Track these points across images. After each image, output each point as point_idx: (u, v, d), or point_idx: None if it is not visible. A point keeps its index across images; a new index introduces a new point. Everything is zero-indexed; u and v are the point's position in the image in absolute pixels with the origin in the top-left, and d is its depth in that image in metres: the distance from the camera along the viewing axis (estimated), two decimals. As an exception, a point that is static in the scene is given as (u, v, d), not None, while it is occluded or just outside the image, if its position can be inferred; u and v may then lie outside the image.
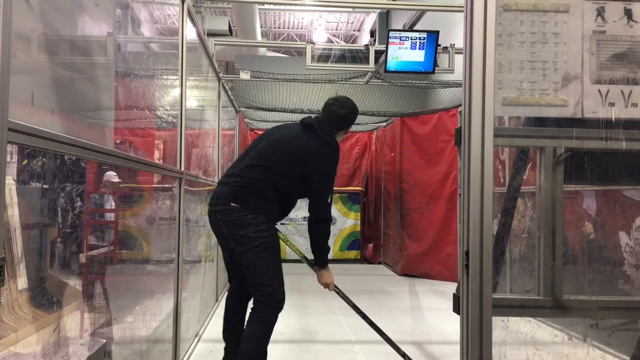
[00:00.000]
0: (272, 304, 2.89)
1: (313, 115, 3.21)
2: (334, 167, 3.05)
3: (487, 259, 1.44)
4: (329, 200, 3.02)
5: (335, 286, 3.21)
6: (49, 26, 2.01)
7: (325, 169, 2.99)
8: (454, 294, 1.57)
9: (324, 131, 3.02)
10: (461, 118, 1.50)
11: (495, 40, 1.47)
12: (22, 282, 3.99)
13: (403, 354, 3.21)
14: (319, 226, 3.01)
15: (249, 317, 2.94)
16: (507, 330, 1.74)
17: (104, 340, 2.21)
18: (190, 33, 3.73)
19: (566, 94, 1.55)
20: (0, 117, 1.24)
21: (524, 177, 1.86)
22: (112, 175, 3.76)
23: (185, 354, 3.70)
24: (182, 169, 3.39)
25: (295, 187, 2.98)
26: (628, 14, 1.56)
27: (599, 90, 1.55)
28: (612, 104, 1.56)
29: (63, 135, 1.54)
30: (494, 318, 1.44)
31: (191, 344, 3.97)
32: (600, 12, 1.56)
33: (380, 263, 9.20)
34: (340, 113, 3.13)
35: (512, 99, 1.52)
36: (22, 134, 1.35)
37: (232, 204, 2.86)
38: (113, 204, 4.06)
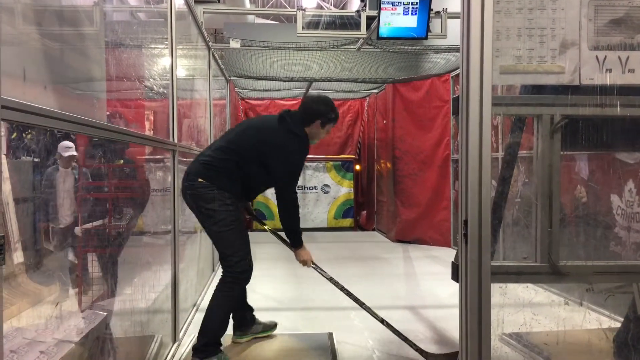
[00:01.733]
0: (238, 274, 3.04)
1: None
2: (297, 158, 3.13)
3: (486, 228, 1.45)
4: (292, 188, 3.12)
5: (313, 262, 3.35)
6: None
7: (287, 159, 3.06)
8: (452, 262, 1.59)
9: (294, 122, 3.12)
10: (459, 86, 1.49)
11: (493, 7, 1.45)
12: (19, 256, 3.99)
13: (382, 320, 3.28)
14: (285, 213, 3.13)
15: (216, 286, 3.08)
16: (505, 297, 1.78)
17: (105, 313, 2.24)
18: (178, 1, 3.66)
19: (564, 61, 1.54)
20: (-8, 95, 1.22)
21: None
22: (63, 147, 3.24)
23: (184, 323, 3.75)
24: (175, 140, 3.37)
25: (256, 171, 3.08)
26: (626, -22, 1.54)
27: (597, 57, 1.55)
28: (609, 70, 1.55)
29: (57, 112, 1.52)
30: (492, 285, 1.47)
31: (189, 314, 4.02)
32: (598, -23, 1.54)
33: (374, 230, 9.28)
34: (314, 108, 3.20)
35: (510, 67, 1.52)
36: (16, 111, 1.33)
37: (199, 180, 3.00)
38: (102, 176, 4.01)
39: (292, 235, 3.24)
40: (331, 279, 3.40)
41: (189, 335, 3.60)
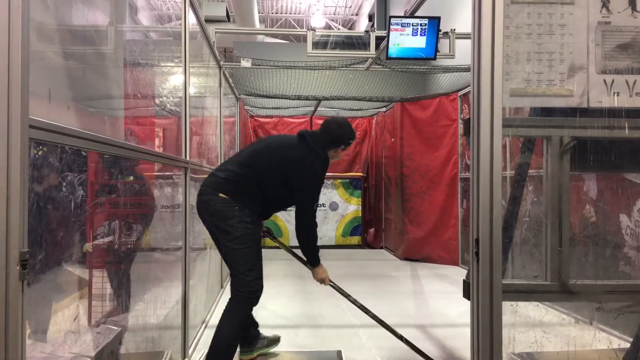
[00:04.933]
0: (249, 294, 2.97)
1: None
2: (319, 177, 3.14)
3: (497, 246, 1.48)
4: (313, 207, 3.13)
5: (330, 280, 3.34)
6: (48, 15, 2.02)
7: (309, 178, 3.07)
8: (464, 280, 1.61)
9: (315, 141, 3.13)
10: (466, 106, 1.53)
11: (503, 32, 1.50)
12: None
13: (400, 337, 3.29)
14: (303, 232, 3.12)
15: (227, 305, 3.03)
16: (516, 315, 1.79)
17: (119, 329, 2.26)
18: (191, 21, 3.73)
19: (572, 84, 1.58)
20: (21, 115, 1.27)
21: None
22: None
23: (194, 340, 3.77)
24: (188, 158, 3.42)
25: (276, 190, 3.07)
26: (632, 4, 1.59)
27: (604, 80, 1.59)
28: (617, 94, 1.59)
29: (81, 131, 1.57)
30: (503, 303, 1.49)
31: (199, 331, 4.03)
32: (605, 3, 1.58)
33: (381, 248, 9.27)
34: (336, 131, 3.22)
35: (520, 90, 1.56)
36: (43, 131, 1.38)
37: (220, 195, 2.96)
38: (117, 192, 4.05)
39: (310, 254, 3.22)
40: (349, 297, 3.39)
41: (199, 352, 3.61)
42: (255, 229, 3.01)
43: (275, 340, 3.52)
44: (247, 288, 2.95)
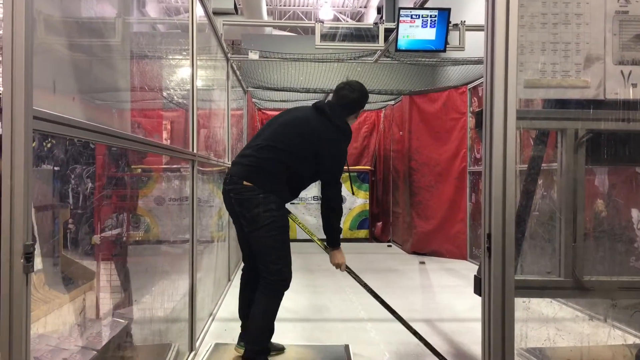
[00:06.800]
0: (278, 282, 2.98)
1: (324, 98, 3.26)
2: (345, 150, 3.11)
3: (509, 241, 1.45)
4: (339, 181, 3.10)
5: (347, 267, 3.28)
6: (54, 8, 2.00)
7: (337, 153, 3.05)
8: (475, 275, 1.58)
9: (336, 115, 3.08)
10: (475, 99, 1.50)
11: (517, 22, 1.46)
12: (37, 263, 4.04)
13: (414, 332, 3.25)
14: (328, 208, 3.09)
15: (256, 295, 3.05)
16: (529, 311, 1.76)
17: (126, 321, 2.26)
18: (199, 13, 3.71)
19: (588, 76, 1.54)
20: (25, 106, 1.25)
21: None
22: None
23: (201, 332, 3.76)
24: (195, 151, 3.40)
25: (306, 167, 3.03)
26: (651, -7, 1.54)
27: (622, 71, 1.54)
28: (634, 85, 1.55)
29: (86, 122, 1.55)
30: (515, 299, 1.46)
31: (206, 323, 4.03)
32: (623, -8, 1.54)
33: (389, 241, 9.24)
34: (351, 97, 3.18)
35: (534, 81, 1.52)
36: (47, 122, 1.36)
37: (244, 183, 2.92)
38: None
39: (331, 234, 3.16)
40: (366, 286, 3.34)
41: (206, 345, 3.61)
42: (281, 215, 2.96)
43: (280, 349, 3.43)
44: (275, 277, 2.95)
